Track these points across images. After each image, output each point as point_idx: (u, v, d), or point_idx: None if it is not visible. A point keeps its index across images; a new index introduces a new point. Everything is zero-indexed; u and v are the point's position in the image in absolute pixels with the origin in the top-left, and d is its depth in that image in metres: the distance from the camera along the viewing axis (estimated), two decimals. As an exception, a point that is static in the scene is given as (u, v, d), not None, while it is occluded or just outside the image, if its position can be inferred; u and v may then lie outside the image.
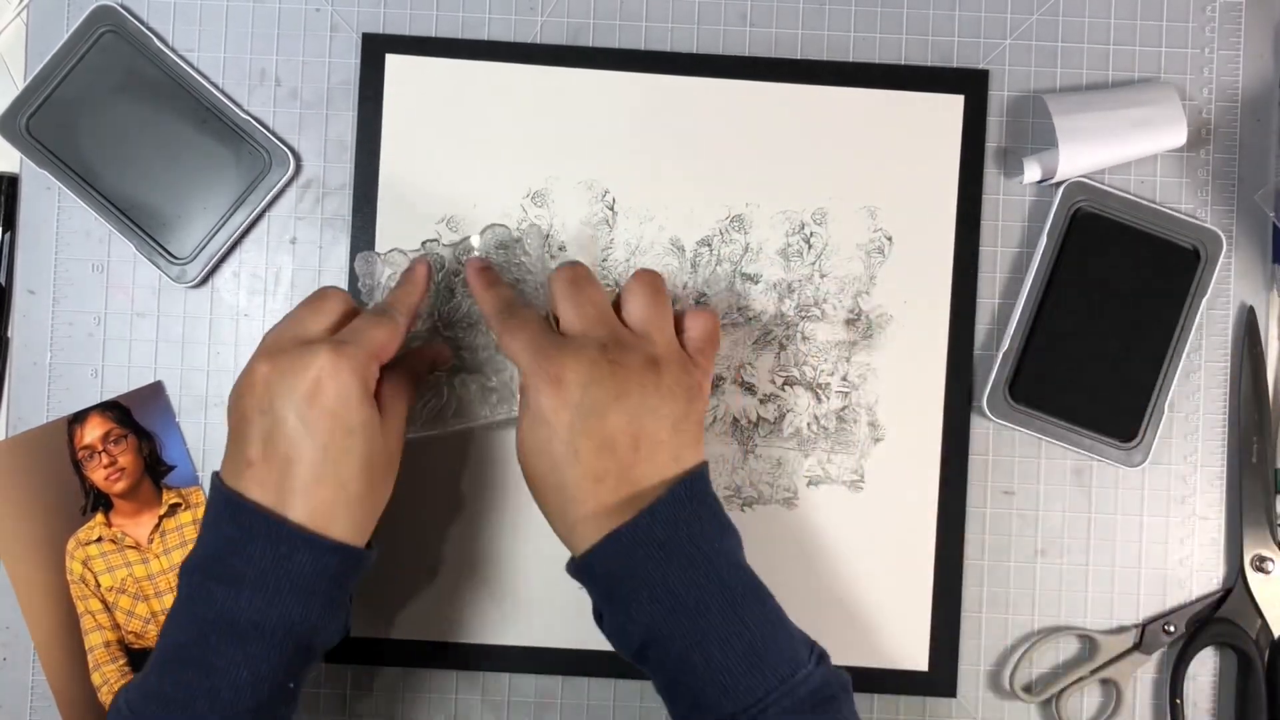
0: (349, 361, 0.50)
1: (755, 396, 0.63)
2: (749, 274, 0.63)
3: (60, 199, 0.63)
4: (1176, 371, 0.62)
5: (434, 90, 0.63)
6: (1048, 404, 0.62)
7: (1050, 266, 0.62)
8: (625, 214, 0.63)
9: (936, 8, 0.63)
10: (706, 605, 0.49)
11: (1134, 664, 0.62)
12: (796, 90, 0.63)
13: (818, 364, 0.63)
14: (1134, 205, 0.62)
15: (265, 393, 0.50)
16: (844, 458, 0.63)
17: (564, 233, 0.63)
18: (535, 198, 0.63)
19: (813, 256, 0.63)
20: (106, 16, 0.62)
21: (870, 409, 0.63)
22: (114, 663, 0.62)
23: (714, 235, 0.63)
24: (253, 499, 0.49)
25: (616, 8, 0.63)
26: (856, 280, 0.63)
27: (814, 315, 0.63)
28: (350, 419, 0.50)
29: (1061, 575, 0.63)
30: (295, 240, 0.63)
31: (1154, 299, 0.62)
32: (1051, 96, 0.62)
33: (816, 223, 0.63)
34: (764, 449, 0.63)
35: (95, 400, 0.63)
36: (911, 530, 0.62)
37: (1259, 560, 0.62)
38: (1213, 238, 0.62)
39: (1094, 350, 0.62)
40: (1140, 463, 0.62)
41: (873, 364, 0.63)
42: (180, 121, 0.62)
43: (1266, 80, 0.64)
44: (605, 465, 0.50)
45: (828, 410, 0.63)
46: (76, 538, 0.63)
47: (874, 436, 0.63)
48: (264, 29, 0.63)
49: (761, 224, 0.63)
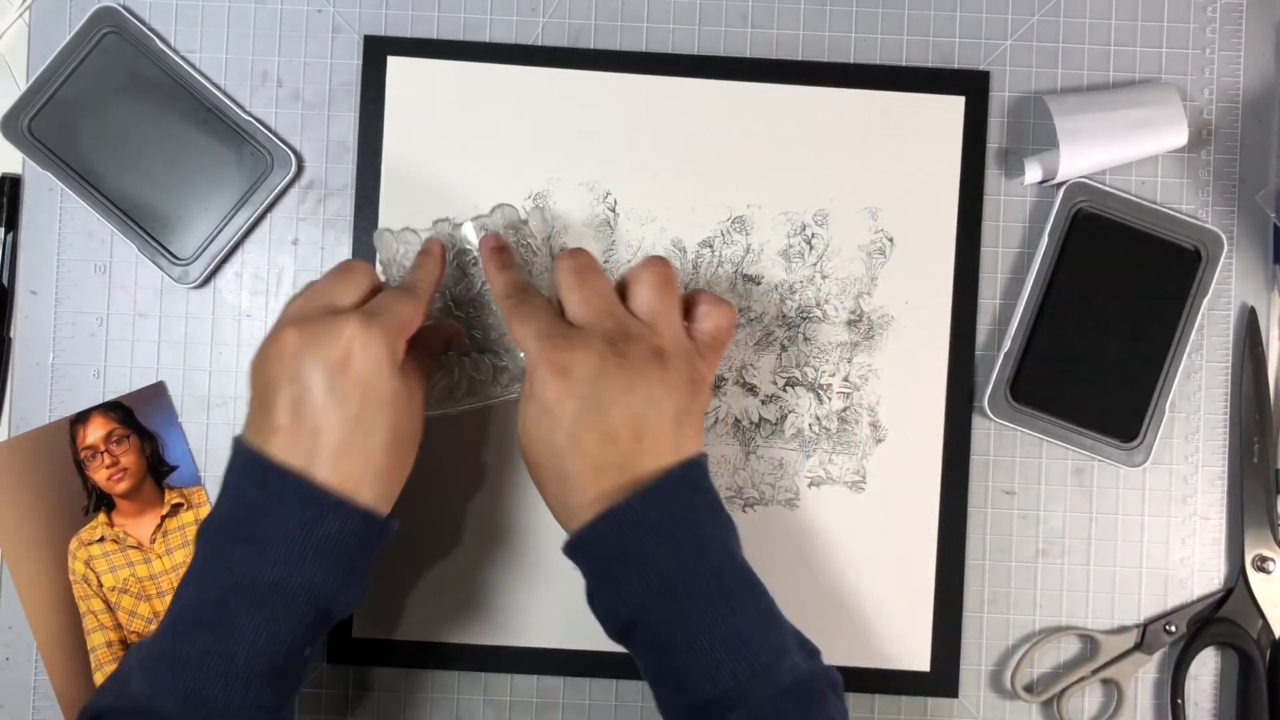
0: (380, 333, 0.50)
1: (757, 397, 0.63)
2: (750, 275, 0.63)
3: (62, 200, 0.63)
4: (1177, 372, 0.62)
5: (435, 92, 0.63)
6: (1049, 404, 0.62)
7: (1051, 267, 0.62)
8: (627, 215, 0.63)
9: (938, 9, 0.64)
10: (695, 589, 0.49)
11: (1135, 664, 0.62)
12: (798, 92, 0.63)
13: (819, 365, 0.63)
14: (1135, 206, 0.62)
15: (294, 360, 0.50)
16: (845, 458, 0.63)
17: (566, 235, 0.63)
18: (537, 199, 0.63)
19: (814, 258, 0.63)
20: (108, 18, 0.62)
21: (872, 410, 0.63)
22: (116, 662, 0.62)
23: (715, 236, 0.63)
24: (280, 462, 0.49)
25: (618, 9, 0.63)
26: (858, 281, 0.63)
27: (815, 316, 0.63)
28: (380, 390, 0.50)
29: (1063, 575, 0.63)
30: (297, 241, 0.63)
31: (1155, 299, 0.62)
32: (1052, 97, 0.62)
33: (818, 224, 0.63)
34: (765, 450, 0.63)
35: (97, 400, 0.63)
36: (913, 530, 0.62)
37: (1260, 560, 0.62)
38: (1213, 238, 0.62)
39: (1095, 351, 0.62)
40: (1141, 463, 0.62)
41: (874, 365, 0.63)
42: (182, 122, 0.62)
43: (1267, 80, 0.64)
44: (607, 456, 0.50)
45: (829, 411, 0.63)
46: (79, 538, 0.63)
47: (875, 437, 0.63)
48: (266, 30, 0.64)
49: (763, 225, 0.63)
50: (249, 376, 0.52)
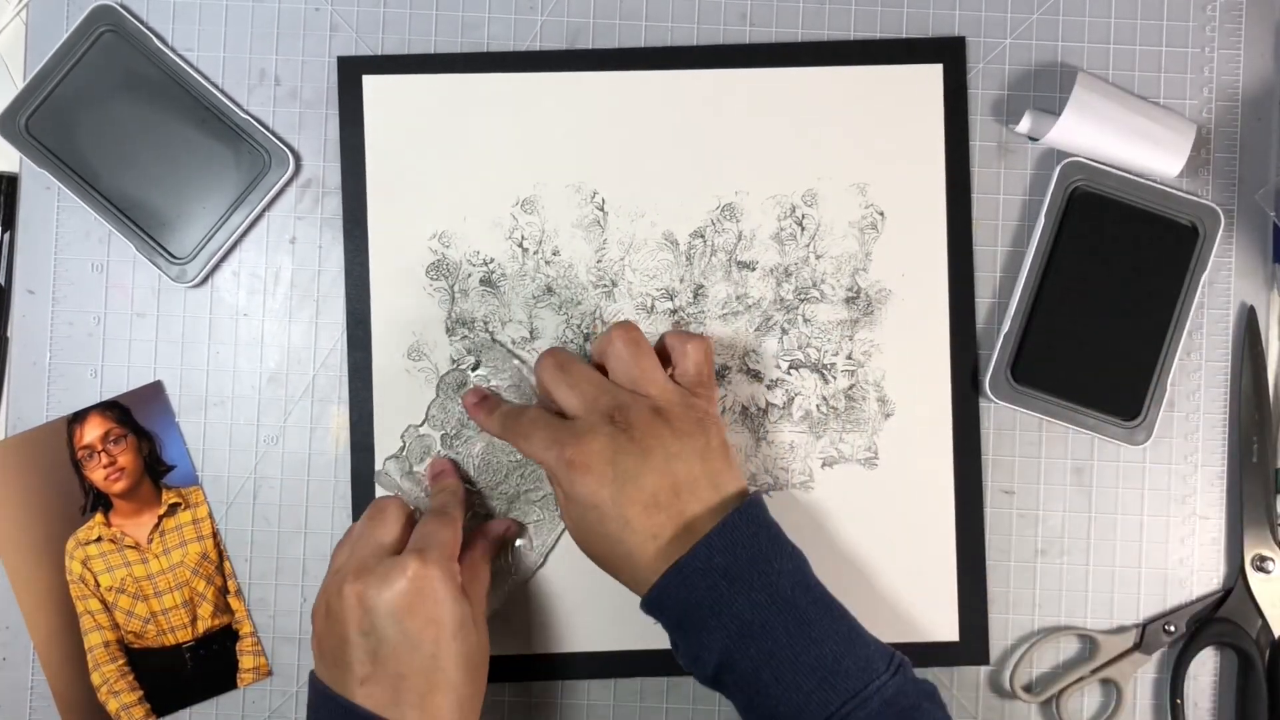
0: (436, 568, 0.52)
1: (762, 383, 0.63)
2: (745, 261, 0.63)
3: (60, 199, 0.63)
4: (1178, 349, 0.62)
5: (414, 107, 0.63)
6: (1050, 384, 0.62)
7: (1049, 247, 0.62)
8: (616, 213, 0.63)
9: (937, 7, 0.63)
10: (772, 625, 0.50)
11: (1134, 664, 0.62)
12: (776, 74, 0.63)
13: (821, 345, 0.63)
14: (1131, 184, 0.62)
15: (364, 614, 0.51)
16: (856, 436, 0.63)
17: (557, 238, 0.63)
18: (525, 205, 0.63)
19: (806, 239, 0.63)
20: (106, 16, 0.62)
21: (878, 385, 0.63)
22: (113, 662, 0.62)
23: (706, 226, 0.63)
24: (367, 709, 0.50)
25: (616, 7, 0.63)
26: (852, 258, 0.63)
27: (813, 297, 0.63)
28: (451, 623, 0.52)
29: (1062, 575, 0.63)
30: (295, 240, 0.63)
31: (1153, 277, 0.62)
32: (1085, 72, 0.62)
33: (807, 204, 0.63)
34: (775, 434, 0.63)
35: (95, 400, 0.63)
36: (930, 501, 0.62)
37: (1259, 560, 0.62)
38: (1211, 214, 0.62)
39: (1095, 330, 0.62)
40: (1144, 441, 0.62)
41: (876, 340, 0.63)
42: (180, 121, 0.62)
43: (1267, 80, 0.64)
44: (656, 520, 0.52)
45: (835, 390, 0.63)
46: (76, 537, 0.62)
47: (884, 412, 0.63)
48: (263, 28, 0.63)
49: (753, 211, 0.63)
50: (313, 624, 0.54)
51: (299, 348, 0.63)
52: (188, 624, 0.63)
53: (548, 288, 0.62)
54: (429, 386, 0.62)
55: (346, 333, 0.62)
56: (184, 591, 0.63)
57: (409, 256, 0.62)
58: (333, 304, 0.63)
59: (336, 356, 0.63)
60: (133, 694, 0.62)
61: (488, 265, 0.62)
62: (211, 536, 0.63)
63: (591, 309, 0.62)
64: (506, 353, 0.62)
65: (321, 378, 0.63)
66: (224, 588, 0.63)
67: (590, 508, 0.52)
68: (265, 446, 0.63)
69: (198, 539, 0.63)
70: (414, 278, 0.62)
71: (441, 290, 0.62)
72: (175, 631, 0.63)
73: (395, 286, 0.62)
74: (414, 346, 0.62)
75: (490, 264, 0.62)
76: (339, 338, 0.63)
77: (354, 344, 0.62)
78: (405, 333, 0.62)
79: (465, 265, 0.62)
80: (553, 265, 0.62)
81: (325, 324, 0.63)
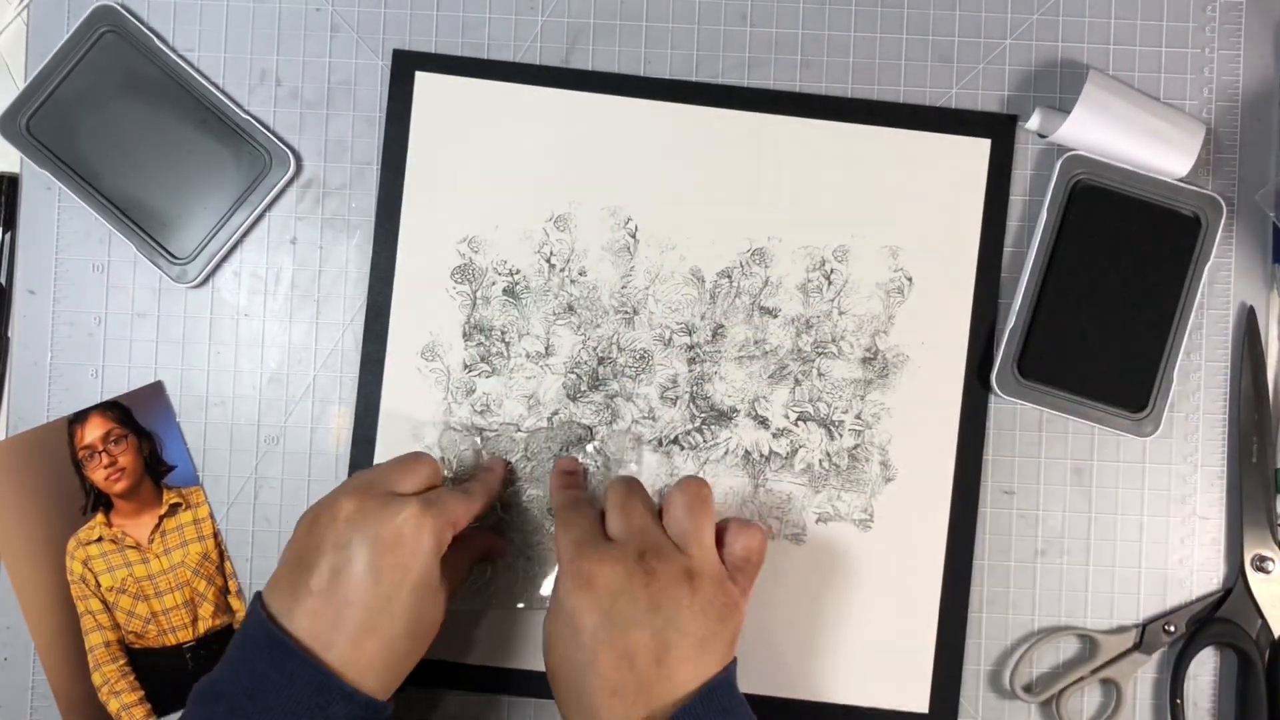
0: (432, 522, 0.52)
1: (768, 430, 0.63)
2: (768, 307, 0.63)
3: (60, 199, 0.63)
4: (1183, 340, 0.62)
5: (461, 109, 0.63)
6: (1057, 378, 0.62)
7: (1052, 241, 0.62)
8: (647, 241, 0.63)
9: (937, 7, 0.63)
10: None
11: (1134, 664, 0.62)
12: (822, 126, 0.63)
13: (832, 401, 0.63)
14: (1133, 176, 0.62)
15: (346, 529, 0.51)
16: (854, 496, 0.63)
17: (585, 258, 0.63)
18: (558, 221, 0.63)
19: (832, 293, 0.63)
20: (107, 16, 0.62)
21: (883, 448, 0.63)
22: (114, 662, 0.62)
23: (734, 267, 0.63)
24: (294, 631, 0.50)
25: (616, 9, 0.63)
26: (875, 319, 0.63)
27: (830, 352, 0.63)
28: (417, 576, 0.51)
29: (1062, 575, 0.63)
30: (295, 240, 0.63)
31: (1157, 268, 0.62)
32: (1096, 69, 0.62)
33: (838, 260, 0.63)
34: (774, 483, 0.63)
35: (96, 400, 0.63)
36: (918, 573, 0.62)
37: (1259, 560, 0.62)
38: (1213, 204, 0.62)
39: (1100, 323, 0.62)
40: (1151, 433, 0.62)
41: (887, 403, 0.63)
42: (180, 121, 0.62)
43: (1267, 80, 0.64)
44: (623, 678, 0.49)
45: (840, 448, 0.63)
46: (77, 538, 0.63)
47: (885, 476, 0.62)
48: (264, 29, 0.63)
49: (783, 258, 0.63)
50: (294, 531, 0.53)
51: (299, 348, 0.63)
52: (188, 624, 0.63)
53: (569, 306, 0.62)
54: (439, 388, 0.62)
55: (365, 323, 0.62)
56: (185, 591, 0.63)
57: (436, 256, 0.62)
58: (334, 304, 0.63)
59: (337, 357, 0.63)
60: (133, 694, 0.62)
61: (513, 276, 0.63)
62: (212, 536, 0.63)
63: (610, 334, 0.62)
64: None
65: (322, 378, 0.63)
66: (225, 588, 0.63)
67: (569, 625, 0.51)
68: (266, 447, 0.63)
69: (198, 539, 0.63)
70: (439, 278, 0.62)
71: (464, 295, 0.62)
72: (176, 631, 0.63)
73: (419, 284, 0.62)
74: (429, 346, 0.62)
75: (516, 275, 0.63)
76: (340, 338, 0.63)
77: (370, 336, 0.62)
78: (422, 331, 0.62)
79: (491, 273, 0.62)
80: (577, 285, 0.63)
81: (326, 324, 0.63)
